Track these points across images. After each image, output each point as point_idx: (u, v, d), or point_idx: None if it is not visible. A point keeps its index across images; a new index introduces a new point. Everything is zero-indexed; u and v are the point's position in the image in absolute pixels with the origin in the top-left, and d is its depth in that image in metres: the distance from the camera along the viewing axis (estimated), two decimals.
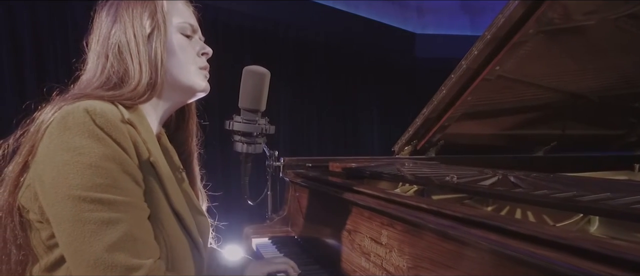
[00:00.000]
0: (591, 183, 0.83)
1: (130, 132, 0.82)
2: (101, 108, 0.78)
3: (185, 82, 0.95)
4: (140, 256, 0.76)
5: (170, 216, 0.88)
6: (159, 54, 0.91)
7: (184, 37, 0.96)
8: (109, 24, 0.92)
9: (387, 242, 0.94)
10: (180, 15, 0.97)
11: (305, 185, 1.54)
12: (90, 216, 0.73)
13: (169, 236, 0.85)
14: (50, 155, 0.76)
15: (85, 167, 0.74)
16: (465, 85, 1.58)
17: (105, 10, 0.95)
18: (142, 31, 0.90)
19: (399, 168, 1.32)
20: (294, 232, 1.67)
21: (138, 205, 0.80)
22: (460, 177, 1.00)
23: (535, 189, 0.76)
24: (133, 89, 0.88)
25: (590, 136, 2.24)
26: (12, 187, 0.83)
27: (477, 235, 0.64)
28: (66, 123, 0.76)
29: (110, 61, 0.89)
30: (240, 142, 0.94)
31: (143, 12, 0.92)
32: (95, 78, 0.89)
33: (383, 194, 0.96)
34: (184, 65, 0.95)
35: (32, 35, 2.89)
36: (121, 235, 0.75)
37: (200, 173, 1.12)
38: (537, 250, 0.53)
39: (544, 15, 1.30)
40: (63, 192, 0.74)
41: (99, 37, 0.93)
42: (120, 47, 0.89)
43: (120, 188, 0.77)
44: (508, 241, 0.58)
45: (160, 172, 0.88)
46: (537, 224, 0.57)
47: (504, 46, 1.41)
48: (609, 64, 1.63)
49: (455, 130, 1.88)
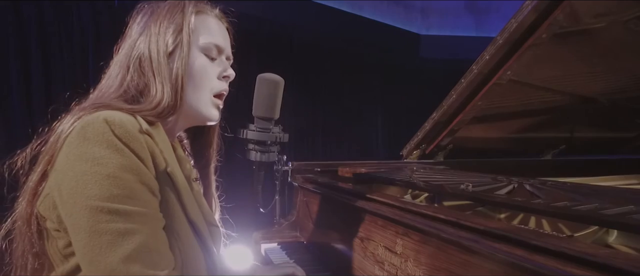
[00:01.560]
0: (612, 194, 0.82)
1: (147, 143, 0.82)
2: (120, 118, 0.78)
3: (196, 108, 0.94)
4: (156, 268, 0.76)
5: (186, 226, 0.87)
6: (180, 75, 0.89)
7: (208, 58, 0.95)
8: (137, 33, 0.92)
9: (402, 251, 0.93)
10: (209, 34, 0.95)
11: (317, 190, 1.53)
12: (106, 227, 0.73)
13: (184, 246, 0.85)
14: (69, 165, 0.76)
15: (103, 177, 0.74)
16: (476, 89, 1.57)
17: (140, 16, 0.94)
18: (165, 48, 0.89)
19: (411, 175, 1.31)
20: (303, 238, 1.66)
21: (154, 216, 0.80)
22: (475, 185, 0.99)
23: (555, 200, 0.75)
24: (153, 108, 0.87)
25: (599, 139, 2.23)
26: (31, 195, 0.83)
27: (501, 249, 0.63)
28: (85, 134, 0.76)
29: (130, 74, 0.89)
30: (254, 150, 0.93)
31: (169, 27, 0.91)
32: (114, 88, 0.89)
33: (399, 203, 0.95)
34: (199, 91, 0.93)
35: (38, 35, 2.89)
36: (137, 246, 0.74)
37: (216, 183, 1.11)
38: (567, 268, 0.52)
39: (556, 19, 1.29)
40: (81, 202, 0.74)
41: (125, 45, 0.92)
42: (141, 60, 0.89)
43: (137, 199, 0.77)
44: (534, 258, 0.57)
45: (177, 182, 0.88)
46: (565, 239, 0.56)
47: (516, 50, 1.40)
48: (619, 66, 1.62)
49: (464, 134, 1.88)
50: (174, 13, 0.92)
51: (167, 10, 0.93)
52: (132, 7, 1.01)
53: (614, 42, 1.44)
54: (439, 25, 5.58)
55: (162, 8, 0.93)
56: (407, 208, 0.91)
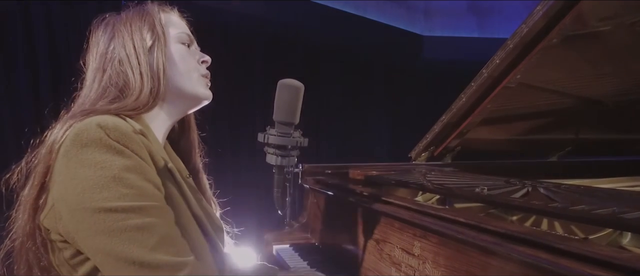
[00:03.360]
0: (629, 197, 0.84)
1: (144, 142, 0.83)
2: (113, 122, 0.80)
3: (189, 90, 0.98)
4: (180, 255, 0.79)
5: (191, 220, 0.90)
6: (161, 63, 0.93)
7: (183, 46, 1.00)
8: (106, 41, 0.95)
9: (420, 253, 0.95)
10: (176, 26, 1.01)
11: (329, 193, 1.55)
12: (124, 224, 0.75)
13: (191, 239, 0.87)
14: (71, 174, 0.76)
15: (109, 180, 0.75)
16: (485, 92, 1.60)
17: (102, 28, 0.98)
18: (143, 43, 0.93)
19: (423, 177, 1.33)
20: (315, 239, 1.68)
21: (165, 209, 0.82)
22: (490, 188, 1.01)
23: (572, 203, 0.77)
24: (136, 98, 0.89)
25: (605, 141, 2.25)
26: (32, 210, 0.83)
27: (524, 252, 0.65)
28: (81, 141, 0.77)
29: (107, 74, 0.92)
30: (275, 154, 0.95)
31: (142, 26, 0.95)
32: (93, 92, 0.92)
33: (417, 206, 0.97)
34: (186, 74, 0.98)
35: (46, 35, 2.90)
36: (159, 238, 0.77)
37: (208, 181, 1.14)
38: (593, 271, 0.54)
39: (566, 23, 1.31)
40: (92, 207, 0.74)
41: (96, 54, 0.95)
42: (120, 61, 0.92)
43: (146, 195, 0.79)
44: (559, 261, 0.59)
45: (177, 178, 0.90)
46: (588, 242, 0.58)
47: (527, 54, 1.42)
48: (625, 68, 1.64)
49: (472, 136, 1.90)
50: (141, 14, 0.97)
51: (132, 14, 0.97)
52: None
53: (619, 44, 1.46)
54: (442, 26, 5.59)
55: (127, 14, 0.98)
56: (426, 211, 0.93)
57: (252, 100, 3.99)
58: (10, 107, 2.77)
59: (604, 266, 0.53)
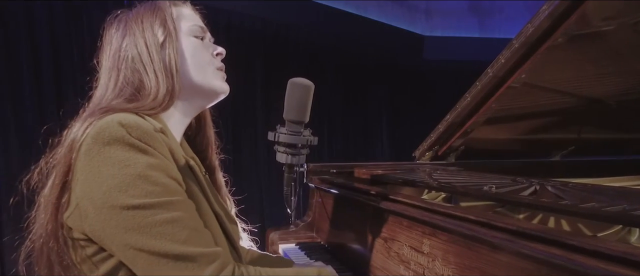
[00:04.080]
0: (638, 195, 0.85)
1: (164, 140, 0.84)
2: (134, 120, 0.80)
3: (205, 85, 0.97)
4: (209, 246, 0.80)
5: (211, 216, 0.90)
6: (173, 60, 0.92)
7: (197, 39, 0.99)
8: (119, 39, 0.94)
9: (429, 251, 0.96)
10: (188, 19, 1.00)
11: (335, 192, 1.55)
12: (153, 220, 0.75)
13: (212, 235, 0.87)
14: (95, 172, 0.76)
15: (134, 177, 0.76)
16: (490, 92, 1.60)
17: (114, 26, 0.97)
18: (155, 40, 0.92)
19: (429, 176, 1.33)
20: (320, 238, 1.69)
21: (190, 203, 0.83)
22: (498, 187, 1.02)
23: (581, 201, 0.78)
24: (153, 99, 0.89)
25: (608, 140, 2.26)
26: (54, 209, 0.82)
27: (537, 249, 0.66)
28: (103, 139, 0.77)
29: (122, 73, 0.91)
30: (285, 153, 0.95)
31: (153, 22, 0.94)
32: (109, 91, 0.91)
33: (426, 204, 0.98)
34: (201, 68, 0.97)
35: (49, 35, 2.92)
36: (189, 230, 0.77)
37: (224, 179, 1.15)
38: (608, 267, 0.55)
39: (571, 23, 1.32)
40: (119, 205, 0.75)
41: (109, 53, 0.94)
42: (133, 59, 0.91)
43: (171, 191, 0.79)
44: (572, 257, 0.60)
45: (198, 174, 0.91)
46: (601, 240, 0.59)
47: (532, 54, 1.42)
48: (627, 68, 1.64)
49: (476, 136, 1.90)
50: (153, 10, 0.96)
51: (144, 10, 0.96)
52: None
53: (622, 44, 1.46)
54: (443, 26, 5.61)
55: (139, 11, 0.97)
56: (435, 209, 0.94)
57: (253, 99, 4.00)
58: (13, 106, 2.78)
59: (619, 262, 0.54)
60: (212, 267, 0.76)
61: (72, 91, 2.99)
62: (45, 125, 2.90)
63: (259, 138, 4.06)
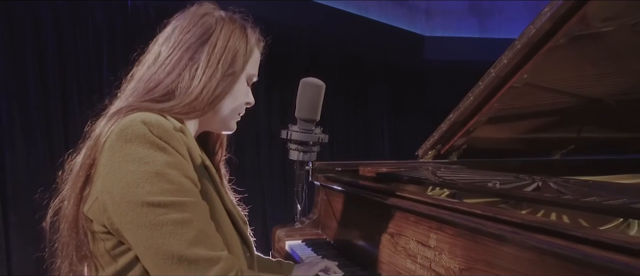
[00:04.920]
0: (637, 190, 0.88)
1: (183, 139, 0.86)
2: (156, 119, 0.83)
3: (225, 122, 1.02)
4: (216, 249, 0.83)
5: (224, 214, 0.94)
6: (222, 93, 0.95)
7: (246, 86, 1.02)
8: (194, 38, 0.94)
9: (436, 245, 0.99)
10: (255, 67, 1.03)
11: (341, 189, 1.59)
12: (165, 218, 0.78)
13: (224, 233, 0.91)
14: (115, 167, 0.80)
15: (152, 175, 0.79)
16: (493, 91, 1.63)
17: (202, 12, 0.97)
18: (224, 67, 0.94)
19: (433, 174, 1.37)
20: (326, 235, 1.72)
21: (202, 204, 0.86)
22: (501, 183, 1.06)
23: (583, 196, 0.81)
24: (186, 104, 0.90)
25: (607, 139, 2.29)
26: (76, 200, 0.86)
27: (541, 240, 0.69)
28: (126, 136, 0.80)
29: (183, 77, 0.92)
30: (297, 150, 0.99)
31: (231, 49, 0.95)
32: (163, 85, 0.91)
33: (433, 200, 1.02)
34: (232, 109, 1.01)
35: (54, 35, 2.93)
36: (197, 232, 0.80)
37: (227, 176, 1.17)
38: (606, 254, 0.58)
39: (572, 24, 1.35)
40: (135, 200, 0.78)
41: (180, 43, 0.93)
42: (198, 68, 0.92)
43: (186, 191, 0.82)
44: (575, 246, 0.63)
45: (213, 174, 0.94)
46: (603, 230, 0.63)
47: (534, 54, 1.46)
48: (626, 68, 1.67)
49: (478, 135, 1.94)
50: (238, 37, 0.97)
51: (232, 31, 0.97)
52: (144, 8, 1.04)
53: (621, 45, 1.49)
54: (443, 26, 5.64)
55: (232, 22, 0.98)
56: (442, 204, 0.98)
57: (256, 99, 4.02)
58: (20, 107, 2.81)
59: (620, 251, 0.58)
60: (215, 270, 0.80)
61: (77, 90, 3.02)
62: (50, 124, 2.92)
63: (262, 139, 4.08)
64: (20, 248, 2.77)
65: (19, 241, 2.76)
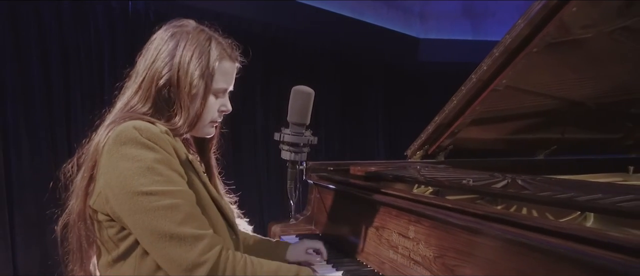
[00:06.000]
0: (587, 186, 0.99)
1: (169, 140, 1.01)
2: (145, 125, 0.98)
3: (203, 131, 1.15)
4: (202, 228, 0.97)
5: (210, 202, 1.07)
6: (199, 113, 1.07)
7: (214, 97, 1.12)
8: (163, 56, 1.06)
9: (414, 236, 1.10)
10: (224, 80, 1.12)
11: (333, 187, 1.69)
12: (157, 204, 0.93)
13: (210, 217, 1.05)
14: (113, 166, 0.96)
15: (144, 170, 0.94)
16: (474, 95, 1.73)
17: (168, 37, 1.08)
18: (189, 87, 1.04)
19: (417, 172, 1.48)
20: (319, 230, 1.83)
21: (188, 192, 1.00)
22: (475, 180, 1.16)
23: (540, 191, 0.92)
24: (170, 127, 1.04)
25: (589, 140, 2.38)
26: (83, 195, 1.02)
27: (498, 228, 0.80)
28: (121, 140, 0.96)
29: (156, 96, 1.05)
30: (289, 151, 1.10)
31: (196, 67, 1.05)
32: (139, 106, 1.05)
33: (411, 196, 1.12)
34: (208, 122, 1.13)
35: (57, 36, 3.00)
36: (184, 215, 0.94)
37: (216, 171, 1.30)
38: (547, 238, 0.69)
39: (548, 32, 1.44)
40: (131, 191, 0.93)
41: (152, 61, 1.06)
42: (171, 84, 1.05)
43: (173, 181, 0.97)
44: (522, 233, 0.74)
45: (197, 167, 1.09)
46: (545, 219, 0.73)
47: (510, 62, 1.56)
48: (605, 73, 1.76)
49: (464, 136, 2.03)
50: (201, 52, 1.06)
51: (196, 44, 1.06)
52: (144, 10, 1.13)
53: (600, 51, 1.58)
54: (437, 29, 5.74)
55: (192, 40, 1.07)
56: (420, 200, 1.08)
57: (253, 100, 4.12)
58: (25, 106, 2.87)
59: (555, 235, 0.69)
60: (201, 245, 0.94)
61: (79, 91, 3.08)
62: (54, 125, 2.98)
63: (258, 139, 4.17)
64: (25, 247, 2.85)
65: (24, 240, 2.84)
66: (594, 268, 0.67)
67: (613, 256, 0.63)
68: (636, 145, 2.43)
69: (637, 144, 2.42)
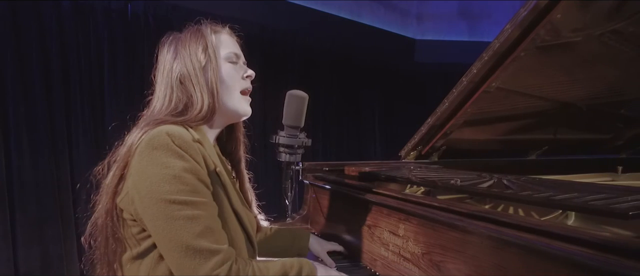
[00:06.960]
0: (566, 185, 1.04)
1: (200, 149, 1.04)
2: (178, 131, 1.01)
3: (231, 107, 1.16)
4: (218, 243, 0.99)
5: (231, 214, 1.10)
6: (214, 81, 1.12)
7: (231, 64, 1.17)
8: (170, 60, 1.14)
9: (404, 234, 1.15)
10: (226, 46, 1.18)
11: (328, 187, 1.74)
12: (178, 214, 0.96)
13: (229, 230, 1.08)
14: (143, 169, 0.99)
15: (171, 177, 0.97)
16: (466, 97, 1.78)
17: (166, 47, 1.16)
18: (199, 64, 1.11)
19: (409, 173, 1.52)
20: (314, 229, 1.87)
21: (211, 204, 1.02)
22: (463, 180, 1.21)
23: (522, 190, 0.97)
24: (197, 113, 1.09)
25: (579, 140, 2.42)
26: (112, 194, 1.05)
27: (480, 225, 0.85)
28: (153, 144, 0.99)
29: (175, 92, 1.11)
30: (284, 152, 1.15)
31: (197, 48, 1.13)
32: (165, 106, 1.11)
33: (401, 195, 1.17)
34: (231, 91, 1.15)
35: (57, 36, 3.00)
36: (203, 228, 0.97)
37: (247, 175, 1.34)
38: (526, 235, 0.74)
39: (537, 34, 1.47)
40: (156, 197, 0.96)
41: (163, 70, 1.14)
42: (182, 78, 1.11)
43: (198, 192, 0.99)
44: (503, 230, 0.79)
45: (224, 179, 1.11)
46: (525, 217, 0.78)
47: (499, 66, 1.60)
48: (595, 75, 1.80)
49: (456, 136, 2.07)
50: (197, 37, 1.14)
51: (190, 36, 1.15)
52: (143, 11, 1.17)
53: (590, 53, 1.62)
54: (434, 30, 5.79)
55: (185, 36, 1.16)
56: (409, 199, 1.13)
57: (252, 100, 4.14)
58: (26, 107, 2.89)
59: (534, 233, 0.74)
60: (214, 260, 0.96)
61: (79, 91, 3.11)
62: (54, 126, 2.98)
63: (256, 140, 4.19)
64: (26, 246, 2.88)
65: (25, 240, 2.87)
66: (569, 263, 0.71)
67: (584, 252, 0.68)
68: (626, 144, 2.48)
69: (628, 144, 2.48)
